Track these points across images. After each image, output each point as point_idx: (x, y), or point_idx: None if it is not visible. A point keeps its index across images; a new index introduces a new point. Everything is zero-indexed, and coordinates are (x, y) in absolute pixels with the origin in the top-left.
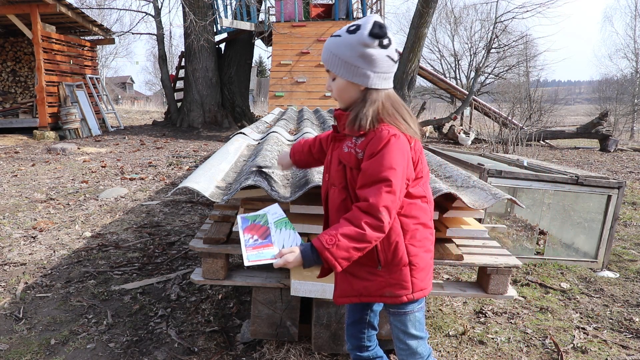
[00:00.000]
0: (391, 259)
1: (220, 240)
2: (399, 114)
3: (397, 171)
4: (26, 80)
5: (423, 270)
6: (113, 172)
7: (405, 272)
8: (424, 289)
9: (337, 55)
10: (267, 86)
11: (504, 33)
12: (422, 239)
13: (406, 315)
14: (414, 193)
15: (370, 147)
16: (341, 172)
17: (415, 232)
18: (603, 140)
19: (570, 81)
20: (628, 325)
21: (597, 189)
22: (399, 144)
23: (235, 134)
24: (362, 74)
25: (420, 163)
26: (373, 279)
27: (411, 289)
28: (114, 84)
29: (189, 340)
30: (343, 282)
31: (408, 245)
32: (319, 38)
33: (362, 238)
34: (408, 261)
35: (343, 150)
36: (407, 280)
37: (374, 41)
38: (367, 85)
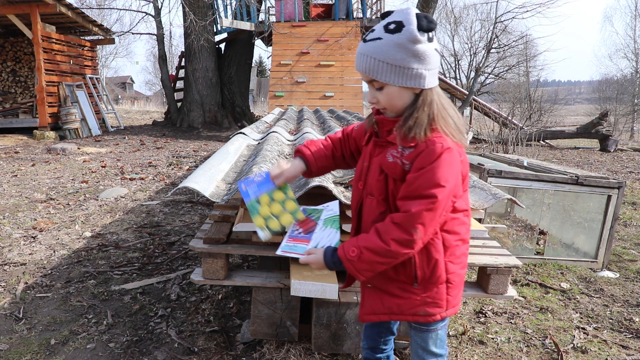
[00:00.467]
0: (429, 277)
1: (220, 240)
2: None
3: (444, 189)
4: (26, 80)
5: (457, 287)
6: (113, 172)
7: (442, 290)
8: (456, 305)
9: (384, 60)
10: (267, 86)
11: (504, 33)
12: (461, 255)
13: (429, 333)
14: (458, 207)
15: (420, 160)
16: (382, 182)
17: (455, 249)
18: (603, 140)
19: (570, 81)
20: (628, 325)
21: (597, 189)
22: (451, 160)
23: (235, 134)
24: (417, 74)
25: (467, 176)
26: (407, 297)
27: (445, 307)
28: (114, 84)
29: (189, 340)
30: (372, 298)
31: (447, 262)
32: (319, 38)
33: (387, 254)
34: (445, 279)
35: (387, 160)
36: (443, 298)
37: (424, 35)
38: (423, 86)
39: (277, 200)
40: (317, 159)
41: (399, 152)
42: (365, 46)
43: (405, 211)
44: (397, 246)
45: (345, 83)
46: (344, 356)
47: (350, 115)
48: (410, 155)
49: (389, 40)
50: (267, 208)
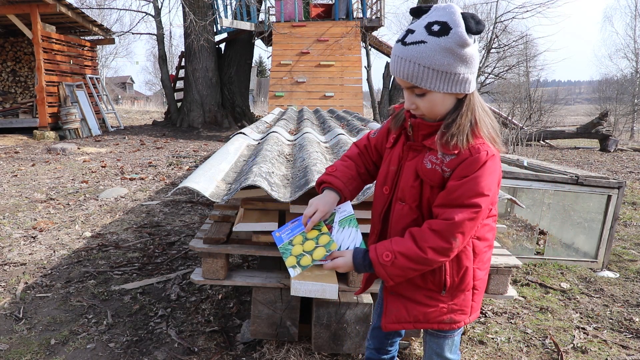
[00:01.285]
0: (458, 284)
1: (220, 240)
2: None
3: (488, 198)
4: (26, 80)
5: (482, 293)
6: (113, 172)
7: (468, 296)
8: (477, 311)
9: (430, 66)
10: (267, 86)
11: (504, 33)
12: (487, 260)
13: (445, 339)
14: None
15: (463, 168)
16: (417, 188)
17: (483, 255)
18: (603, 140)
19: (570, 81)
20: (628, 325)
21: (597, 189)
22: (494, 167)
23: (235, 134)
24: (463, 80)
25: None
26: (434, 305)
27: (469, 314)
28: (114, 84)
29: (189, 340)
30: (396, 306)
31: (475, 269)
32: (319, 38)
33: (423, 261)
34: (473, 285)
35: (424, 166)
36: (468, 305)
37: (472, 38)
38: (468, 91)
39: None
40: (346, 183)
41: (438, 159)
42: (406, 50)
43: (445, 219)
44: (434, 254)
45: (345, 83)
46: (344, 356)
47: (350, 115)
48: (452, 163)
49: (434, 44)
50: (299, 247)
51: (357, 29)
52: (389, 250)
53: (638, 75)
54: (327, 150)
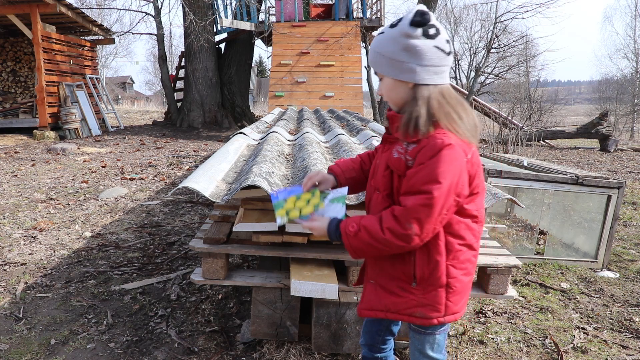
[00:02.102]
0: (428, 277)
1: (220, 240)
2: (456, 113)
3: (442, 185)
4: (26, 80)
5: (460, 293)
6: (113, 172)
7: (441, 294)
8: (457, 312)
9: (381, 53)
10: (267, 86)
11: (504, 33)
12: (465, 261)
13: (426, 336)
14: (465, 211)
15: (420, 156)
16: (387, 177)
17: (459, 253)
18: (603, 140)
19: (570, 81)
20: (628, 325)
21: (597, 189)
22: (452, 156)
23: (235, 134)
24: (409, 69)
25: (477, 177)
26: (404, 296)
27: (444, 312)
28: (114, 84)
29: (189, 340)
30: (371, 293)
31: (449, 267)
32: (319, 38)
33: (382, 242)
34: (446, 282)
35: (392, 155)
36: (442, 302)
37: (416, 30)
38: (415, 81)
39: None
40: (344, 171)
41: (403, 148)
42: (373, 41)
43: (403, 205)
44: (391, 236)
45: (345, 83)
46: (344, 356)
47: (350, 115)
48: (413, 151)
49: (387, 34)
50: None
51: (357, 29)
52: (356, 222)
53: (638, 75)
54: (327, 150)
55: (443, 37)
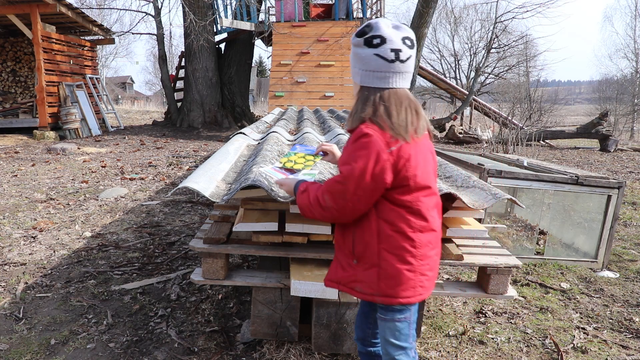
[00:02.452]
0: (361, 256)
1: (220, 240)
2: (389, 113)
3: (351, 167)
4: (26, 80)
5: (393, 278)
6: (113, 172)
7: (372, 274)
8: (393, 297)
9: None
10: (267, 86)
11: (504, 33)
12: (398, 248)
13: (386, 322)
14: (398, 200)
15: (347, 142)
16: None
17: (391, 239)
18: (603, 140)
19: (570, 81)
20: (628, 325)
21: (597, 189)
22: (367, 144)
23: (235, 134)
24: (355, 72)
25: (407, 170)
26: (349, 271)
27: (376, 292)
28: (114, 84)
29: (189, 340)
30: (332, 266)
31: (381, 250)
32: (319, 38)
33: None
34: (377, 263)
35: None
36: (373, 281)
37: (359, 40)
38: (360, 83)
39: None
40: None
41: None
42: None
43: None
44: (316, 204)
45: (345, 83)
46: (344, 356)
47: None
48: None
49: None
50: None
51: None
52: (307, 185)
53: (638, 75)
54: None
55: (388, 47)
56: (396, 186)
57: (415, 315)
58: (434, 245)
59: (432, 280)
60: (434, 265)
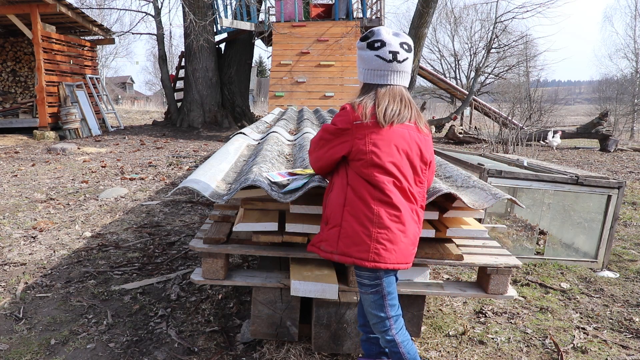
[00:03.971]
0: (330, 217)
1: (220, 240)
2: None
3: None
4: (26, 80)
5: (349, 237)
6: (113, 172)
7: (335, 232)
8: (348, 255)
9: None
10: (267, 86)
11: (504, 33)
12: (359, 212)
13: (362, 295)
14: (359, 172)
15: None
16: None
17: (353, 203)
18: (603, 140)
19: (570, 81)
20: (628, 325)
21: (597, 189)
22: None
23: (235, 134)
24: (359, 72)
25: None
26: (320, 233)
27: (335, 249)
28: (114, 84)
29: (189, 340)
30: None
31: (345, 212)
32: (319, 38)
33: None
34: (339, 224)
35: None
36: (334, 239)
37: (363, 44)
38: (362, 80)
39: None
40: None
41: None
42: None
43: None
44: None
45: (345, 83)
46: (344, 356)
47: None
48: None
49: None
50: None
51: (357, 29)
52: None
53: (638, 75)
54: None
55: (387, 49)
56: (354, 158)
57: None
58: (398, 221)
59: (392, 253)
60: (394, 239)
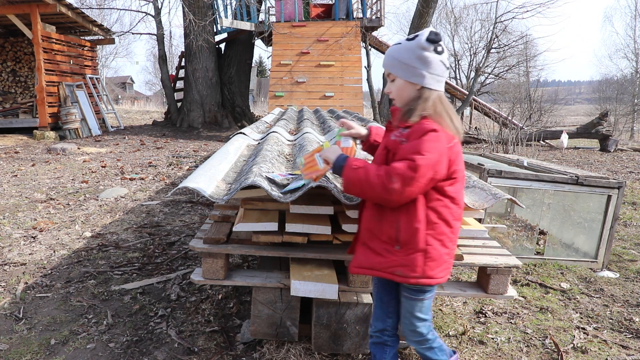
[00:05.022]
0: (408, 242)
1: (220, 240)
2: (447, 113)
3: (424, 157)
4: (26, 80)
5: (435, 261)
6: (113, 172)
7: (418, 258)
8: (433, 277)
9: (398, 58)
10: (267, 86)
11: (504, 33)
12: (442, 234)
13: (416, 301)
14: (445, 191)
15: (412, 135)
16: (384, 155)
17: (436, 226)
18: (603, 140)
19: (570, 81)
20: (628, 325)
21: (597, 189)
22: (435, 138)
23: (235, 134)
24: (419, 74)
25: (456, 164)
26: (388, 257)
27: (420, 274)
28: (114, 84)
29: (189, 340)
30: (362, 255)
31: (427, 235)
32: (319, 38)
33: (370, 183)
34: (424, 248)
35: (390, 138)
36: (419, 265)
37: (430, 46)
38: (422, 84)
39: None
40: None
41: (399, 132)
42: (390, 49)
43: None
44: (379, 184)
45: (345, 83)
46: (344, 356)
47: (350, 115)
48: (407, 134)
49: (405, 45)
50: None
51: (357, 29)
52: (362, 162)
53: (638, 75)
54: None
55: (446, 55)
56: (446, 178)
57: None
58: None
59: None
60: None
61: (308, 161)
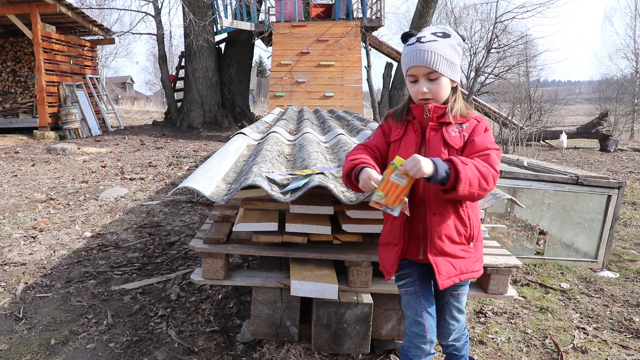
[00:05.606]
0: (476, 236)
1: (220, 240)
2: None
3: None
4: (26, 80)
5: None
6: (113, 172)
7: (481, 246)
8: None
9: (443, 56)
10: (267, 86)
11: (504, 33)
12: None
13: (460, 296)
14: None
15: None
16: (446, 154)
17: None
18: (603, 140)
19: (570, 81)
20: (628, 325)
21: (597, 189)
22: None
23: (235, 134)
24: (458, 71)
25: None
26: (468, 256)
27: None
28: (114, 84)
29: (189, 340)
30: (444, 265)
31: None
32: (319, 38)
33: (484, 174)
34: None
35: (450, 135)
36: (482, 253)
37: (461, 41)
38: (456, 79)
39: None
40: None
41: (458, 129)
42: (425, 45)
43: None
44: (488, 173)
45: (345, 83)
46: (344, 356)
47: (350, 115)
48: (468, 129)
49: (444, 42)
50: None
51: (357, 29)
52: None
53: (638, 75)
54: (327, 150)
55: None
56: None
57: None
58: None
59: None
60: None
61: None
